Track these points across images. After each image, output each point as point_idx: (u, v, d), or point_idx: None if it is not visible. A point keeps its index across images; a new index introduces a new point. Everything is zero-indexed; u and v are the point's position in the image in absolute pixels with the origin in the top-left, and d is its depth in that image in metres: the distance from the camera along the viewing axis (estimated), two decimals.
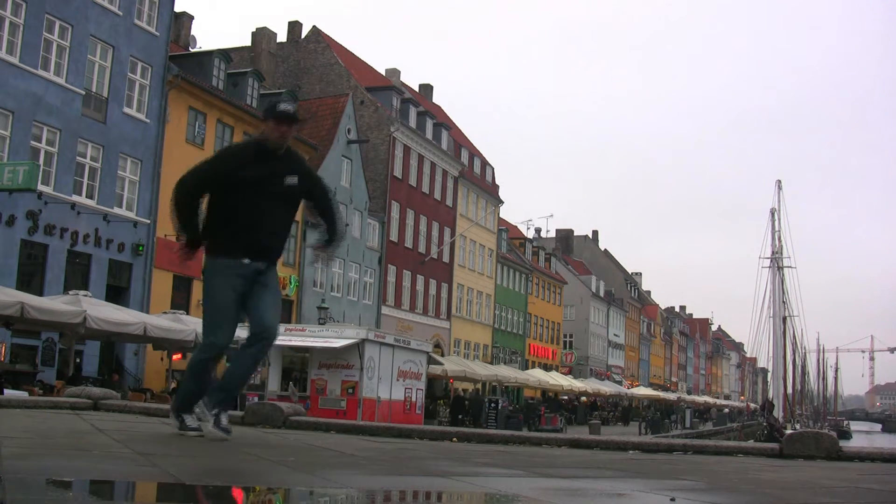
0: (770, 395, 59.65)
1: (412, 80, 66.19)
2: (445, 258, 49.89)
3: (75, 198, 24.92)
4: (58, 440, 4.49)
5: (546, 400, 49.28)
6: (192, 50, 34.75)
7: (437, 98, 61.16)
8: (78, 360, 24.17)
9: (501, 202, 59.70)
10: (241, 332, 5.36)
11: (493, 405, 34.88)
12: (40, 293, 21.95)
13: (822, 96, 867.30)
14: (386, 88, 46.21)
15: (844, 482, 4.60)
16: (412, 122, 46.18)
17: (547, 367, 59.99)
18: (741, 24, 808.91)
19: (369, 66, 52.09)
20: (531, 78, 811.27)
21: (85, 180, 25.52)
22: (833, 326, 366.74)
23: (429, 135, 47.85)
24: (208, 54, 32.86)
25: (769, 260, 51.94)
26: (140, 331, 20.37)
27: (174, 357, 25.90)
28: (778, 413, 46.48)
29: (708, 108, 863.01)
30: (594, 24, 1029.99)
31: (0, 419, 5.17)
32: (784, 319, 52.01)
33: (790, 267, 52.58)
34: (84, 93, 25.35)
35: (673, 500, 3.50)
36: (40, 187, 22.56)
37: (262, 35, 43.40)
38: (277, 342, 21.41)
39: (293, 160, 5.46)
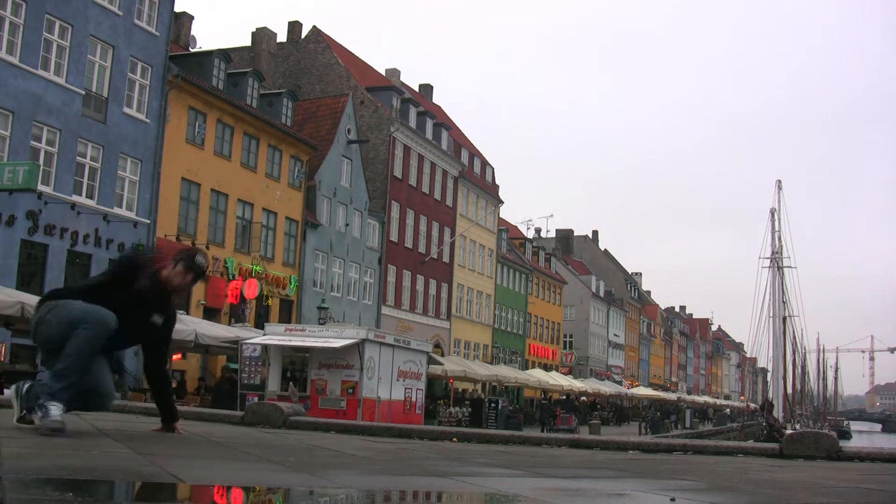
0: (770, 395, 59.59)
1: (412, 80, 66.20)
2: (445, 258, 49.89)
3: (75, 198, 24.92)
4: (58, 440, 4.49)
5: (558, 401, 49.04)
6: (192, 50, 34.75)
7: (437, 98, 61.24)
8: None
9: (501, 202, 59.71)
10: None
11: (492, 405, 34.86)
12: (40, 293, 21.83)
13: (822, 96, 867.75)
14: (386, 88, 46.22)
15: (844, 482, 4.60)
16: (412, 122, 46.18)
17: (547, 367, 59.98)
18: (741, 24, 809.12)
19: (369, 66, 52.11)
20: (531, 78, 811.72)
21: (85, 180, 25.52)
22: (833, 326, 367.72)
23: (429, 135, 47.85)
24: (208, 54, 32.86)
25: (769, 260, 51.92)
26: None
27: (174, 357, 25.90)
28: (778, 413, 46.40)
29: (708, 107, 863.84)
30: (594, 24, 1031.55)
31: (0, 419, 5.17)
32: (784, 319, 51.98)
33: (790, 267, 52.58)
34: (84, 93, 25.36)
35: (673, 500, 3.50)
36: (40, 187, 22.55)
37: (262, 35, 43.41)
38: (278, 342, 21.17)
39: (169, 301, 5.49)
